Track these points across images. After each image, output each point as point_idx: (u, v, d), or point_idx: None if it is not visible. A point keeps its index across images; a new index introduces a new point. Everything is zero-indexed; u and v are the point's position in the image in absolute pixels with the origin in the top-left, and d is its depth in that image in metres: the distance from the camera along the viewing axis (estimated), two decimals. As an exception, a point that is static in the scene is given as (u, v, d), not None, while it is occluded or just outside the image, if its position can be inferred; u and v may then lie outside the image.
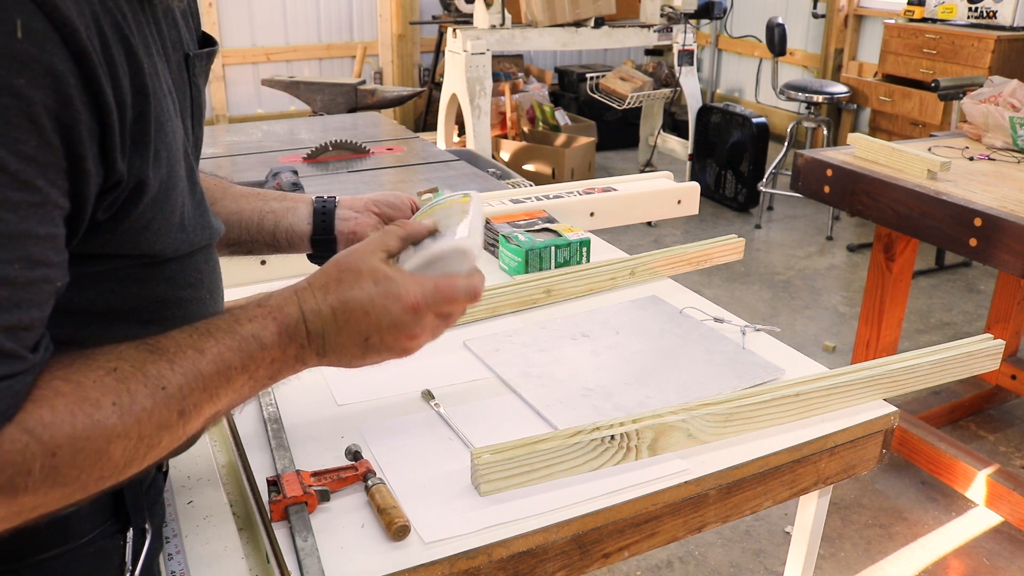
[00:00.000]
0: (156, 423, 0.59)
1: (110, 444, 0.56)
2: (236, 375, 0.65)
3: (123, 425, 0.57)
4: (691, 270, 1.56)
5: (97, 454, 0.55)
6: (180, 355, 0.61)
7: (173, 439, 0.62)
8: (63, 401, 0.55)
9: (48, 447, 0.53)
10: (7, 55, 0.49)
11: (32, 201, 0.52)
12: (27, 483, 0.52)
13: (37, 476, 0.53)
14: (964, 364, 1.20)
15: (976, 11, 4.39)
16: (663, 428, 0.98)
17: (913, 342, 3.33)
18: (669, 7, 4.68)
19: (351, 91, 3.62)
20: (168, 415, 0.60)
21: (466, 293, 0.77)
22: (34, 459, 0.52)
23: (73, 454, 0.54)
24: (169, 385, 0.60)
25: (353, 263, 0.74)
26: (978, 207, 1.89)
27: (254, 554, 0.88)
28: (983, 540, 2.28)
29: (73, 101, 0.53)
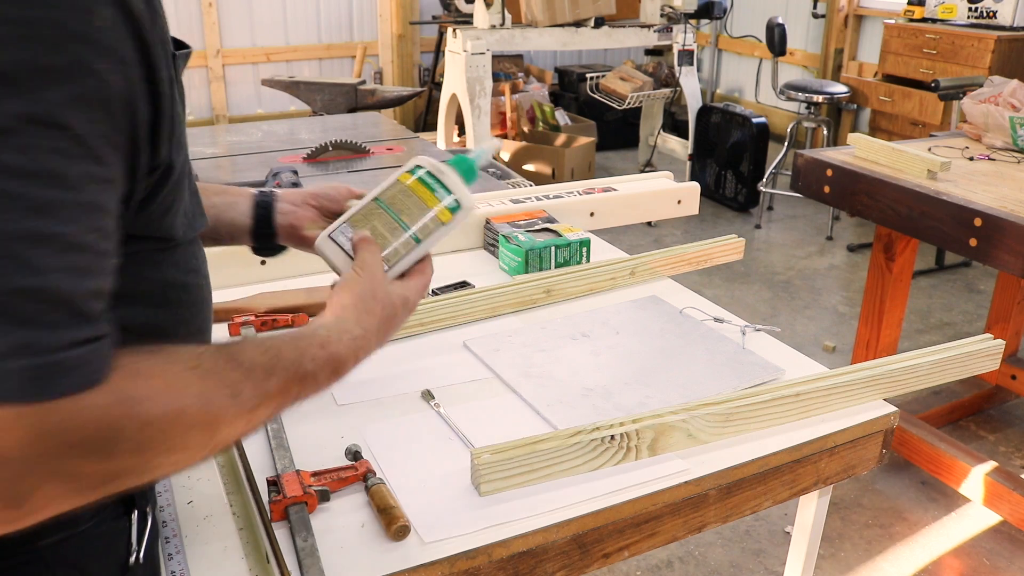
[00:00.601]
0: (230, 423, 0.62)
1: (191, 428, 0.59)
2: (303, 381, 0.70)
3: (202, 415, 0.59)
4: (691, 270, 1.56)
5: (182, 433, 0.58)
6: (252, 365, 0.65)
7: (247, 427, 0.65)
8: (158, 382, 0.57)
9: (141, 418, 0.55)
10: (90, 40, 0.53)
11: (105, 177, 0.55)
12: (116, 448, 0.54)
13: (126, 444, 0.55)
14: (964, 364, 1.20)
15: (976, 11, 4.39)
16: (663, 428, 0.98)
17: (913, 342, 3.33)
18: (669, 7, 4.68)
19: (351, 91, 3.62)
20: (242, 411, 0.63)
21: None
22: (127, 425, 0.54)
23: (160, 430, 0.56)
24: (243, 394, 0.63)
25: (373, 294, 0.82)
26: (978, 207, 1.89)
27: (254, 554, 0.88)
28: (983, 540, 2.28)
29: (136, 88, 0.57)
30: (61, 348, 0.51)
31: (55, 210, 0.51)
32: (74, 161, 0.52)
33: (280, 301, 1.31)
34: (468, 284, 1.46)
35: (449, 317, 1.31)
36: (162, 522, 0.89)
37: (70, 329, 0.52)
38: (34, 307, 0.50)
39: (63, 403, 0.51)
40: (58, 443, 0.51)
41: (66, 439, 0.52)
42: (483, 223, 1.63)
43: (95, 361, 0.53)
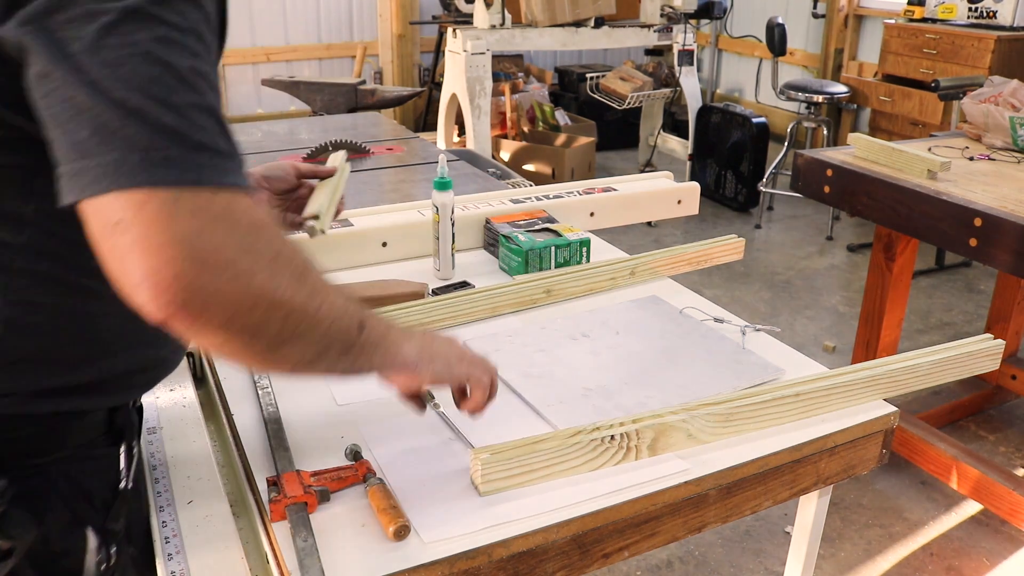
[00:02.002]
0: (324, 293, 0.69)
1: (283, 246, 0.66)
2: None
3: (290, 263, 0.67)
4: (691, 270, 1.56)
5: (277, 249, 0.65)
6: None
7: (311, 302, 0.68)
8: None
9: (270, 231, 0.64)
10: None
11: (213, 60, 0.69)
12: (267, 239, 0.63)
13: (267, 234, 0.64)
14: (964, 364, 1.20)
15: (976, 11, 4.38)
16: (663, 428, 0.98)
17: (913, 342, 3.33)
18: (669, 7, 4.68)
19: (351, 91, 3.62)
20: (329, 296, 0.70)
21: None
22: (264, 219, 0.64)
23: (276, 252, 0.64)
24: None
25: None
26: (978, 207, 1.89)
27: (254, 554, 0.88)
28: (983, 540, 2.28)
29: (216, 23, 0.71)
30: (230, 154, 0.63)
31: (200, 59, 0.63)
32: (203, 29, 0.65)
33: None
34: (468, 284, 1.46)
35: (449, 317, 1.31)
36: (159, 507, 0.94)
37: (230, 143, 0.64)
38: (210, 122, 0.62)
39: (240, 194, 0.62)
40: (246, 223, 0.61)
41: (248, 221, 0.62)
42: (483, 223, 1.63)
43: (248, 177, 0.64)
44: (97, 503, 0.81)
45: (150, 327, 0.61)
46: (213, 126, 0.62)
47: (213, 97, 0.64)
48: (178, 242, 0.57)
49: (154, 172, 0.58)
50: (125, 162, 0.57)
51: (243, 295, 0.61)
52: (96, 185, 0.57)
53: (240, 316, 0.62)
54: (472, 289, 1.41)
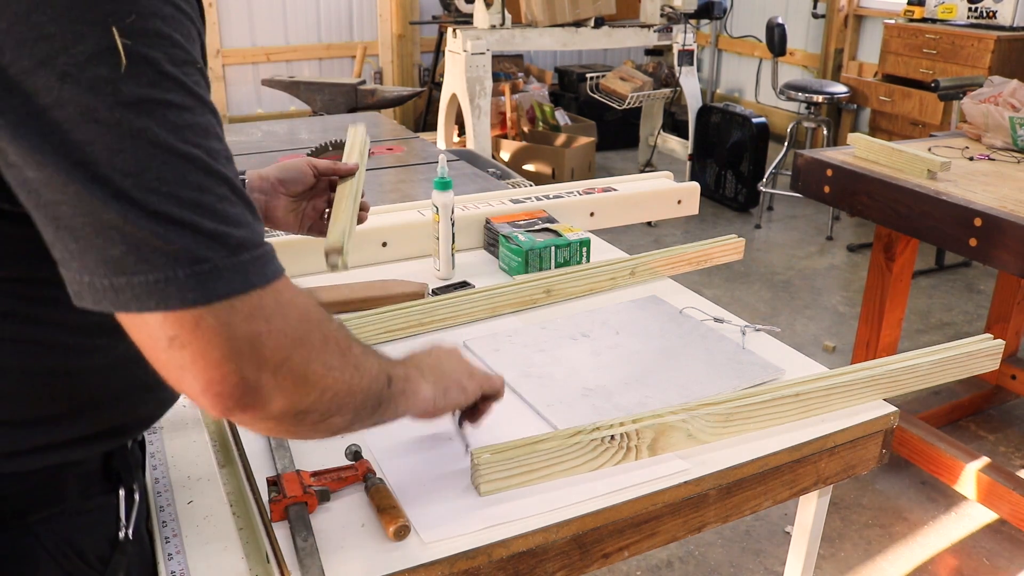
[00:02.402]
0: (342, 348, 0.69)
1: (328, 326, 0.67)
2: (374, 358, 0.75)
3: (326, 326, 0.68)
4: (691, 270, 1.56)
5: (326, 331, 0.66)
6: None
7: (369, 381, 0.71)
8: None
9: (307, 299, 0.65)
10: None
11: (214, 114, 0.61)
12: (316, 321, 0.64)
13: (314, 318, 0.64)
14: (964, 364, 1.20)
15: (976, 11, 4.38)
16: (663, 428, 0.98)
17: (913, 342, 3.33)
18: (669, 7, 4.68)
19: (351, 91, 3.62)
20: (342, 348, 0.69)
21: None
22: (309, 302, 0.65)
23: (318, 316, 0.65)
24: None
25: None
26: (978, 207, 1.89)
27: (254, 554, 0.88)
28: (983, 540, 2.28)
29: (201, 23, 0.63)
30: (261, 242, 0.60)
31: (213, 131, 0.59)
32: (205, 89, 0.60)
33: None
34: (468, 284, 1.46)
35: (449, 317, 1.31)
36: (159, 507, 0.91)
37: (259, 224, 0.61)
38: (237, 210, 0.58)
39: (282, 283, 0.61)
40: (295, 313, 0.61)
41: (296, 310, 0.61)
42: (483, 223, 1.63)
43: (274, 254, 0.62)
44: (92, 560, 0.75)
45: (149, 373, 0.59)
46: (242, 212, 0.59)
47: (229, 166, 0.60)
48: (238, 353, 0.57)
49: (205, 288, 0.56)
50: (172, 281, 0.55)
51: (300, 386, 0.62)
52: (140, 303, 0.55)
53: (296, 404, 0.63)
54: (472, 289, 1.41)
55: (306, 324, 0.62)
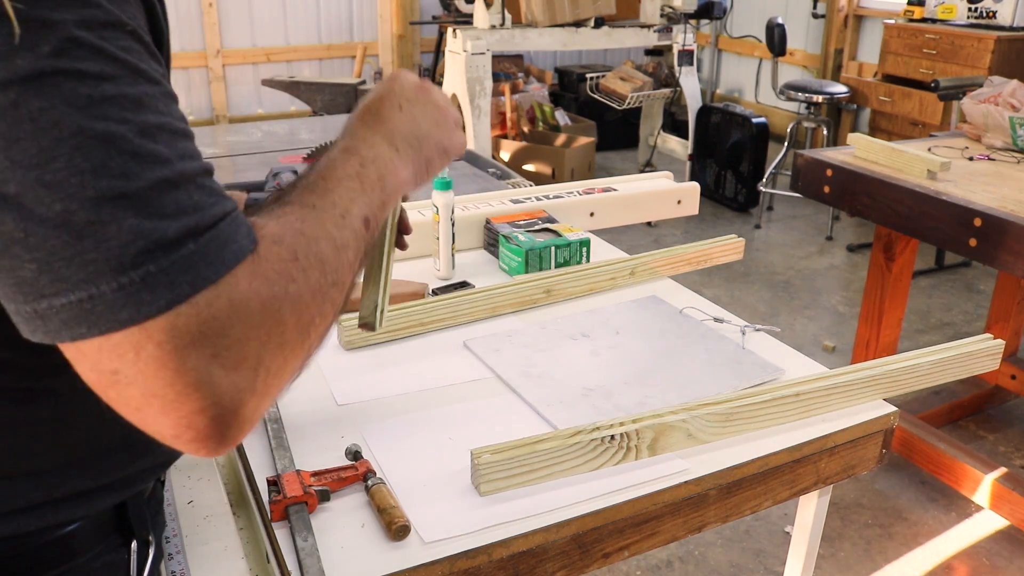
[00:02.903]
0: (332, 224, 0.61)
1: (319, 244, 0.58)
2: (349, 180, 0.66)
3: (315, 229, 0.59)
4: (691, 270, 1.56)
5: (319, 255, 0.58)
6: (300, 188, 0.63)
7: (356, 243, 0.63)
8: (271, 220, 0.57)
9: (291, 251, 0.55)
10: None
11: (162, 71, 0.53)
12: (296, 289, 0.54)
13: (298, 281, 0.55)
14: (964, 364, 1.20)
15: (976, 11, 4.38)
16: (663, 428, 0.98)
17: (913, 342, 3.33)
18: (669, 7, 4.68)
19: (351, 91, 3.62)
20: (335, 218, 0.61)
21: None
22: (288, 264, 0.55)
23: (306, 255, 0.56)
24: (316, 201, 0.62)
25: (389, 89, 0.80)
26: (978, 207, 1.89)
27: (254, 554, 0.88)
28: (983, 540, 2.28)
29: (154, 34, 0.55)
30: (215, 223, 0.50)
31: (148, 102, 0.50)
32: (139, 55, 0.50)
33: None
34: (468, 284, 1.46)
35: (449, 317, 1.31)
36: (164, 539, 0.85)
37: (212, 205, 0.51)
38: (176, 195, 0.49)
39: (241, 272, 0.51)
40: (259, 308, 0.51)
41: (261, 302, 0.51)
42: (483, 223, 1.63)
43: (243, 226, 0.53)
44: None
45: None
46: (187, 194, 0.50)
47: (174, 141, 0.50)
48: (198, 382, 0.48)
49: (138, 304, 0.46)
50: (98, 299, 0.45)
51: (283, 374, 0.55)
52: (71, 330, 0.46)
53: (285, 386, 0.57)
54: (472, 289, 1.41)
55: (274, 308, 0.52)
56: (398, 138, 0.74)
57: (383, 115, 0.75)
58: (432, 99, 0.80)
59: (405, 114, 0.76)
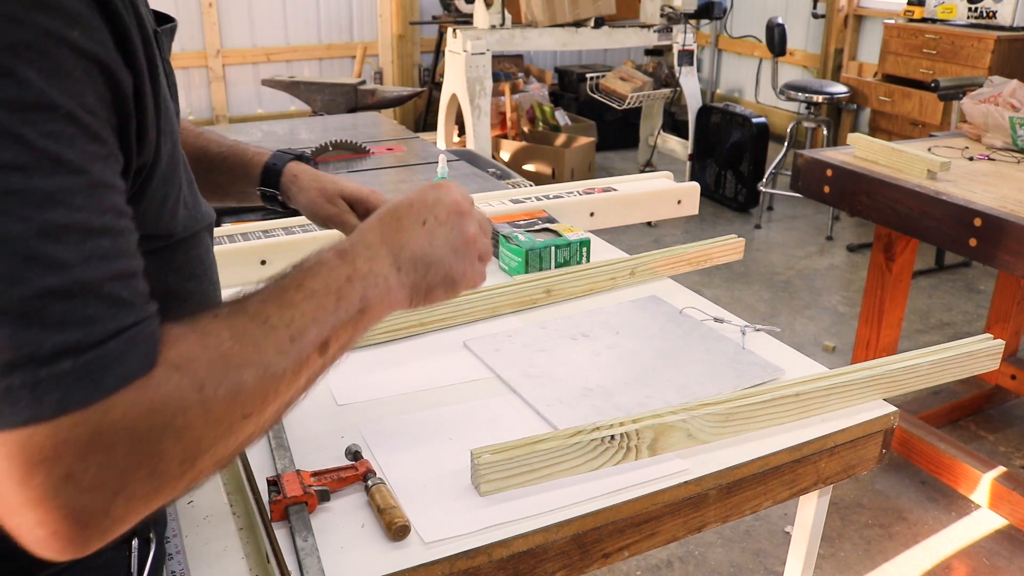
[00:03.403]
0: (274, 350, 0.58)
1: (242, 373, 0.55)
2: (323, 298, 0.63)
3: (246, 354, 0.56)
4: (691, 270, 1.56)
5: (235, 385, 0.54)
6: (266, 294, 0.61)
7: (296, 371, 0.60)
8: (192, 338, 0.54)
9: (195, 381, 0.52)
10: (58, 8, 0.48)
11: (103, 153, 0.51)
12: (186, 422, 0.51)
13: (193, 413, 0.52)
14: (964, 364, 1.20)
15: (976, 11, 4.38)
16: (663, 428, 0.98)
17: (913, 342, 3.33)
18: (669, 7, 4.68)
19: (351, 91, 3.62)
20: (281, 341, 0.58)
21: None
22: (187, 394, 0.51)
23: (215, 385, 0.53)
24: (270, 317, 0.59)
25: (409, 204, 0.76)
26: (978, 207, 1.89)
27: (254, 554, 0.88)
28: (983, 540, 2.28)
29: (117, 58, 0.52)
30: (103, 341, 0.48)
31: (63, 198, 0.47)
32: (69, 141, 0.48)
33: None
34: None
35: (449, 317, 1.31)
36: (165, 539, 0.85)
37: (108, 320, 0.49)
38: (65, 306, 0.46)
39: (119, 398, 0.48)
40: (127, 439, 0.48)
41: (133, 433, 0.49)
42: (483, 223, 1.63)
43: (141, 346, 0.50)
44: None
45: None
46: (81, 304, 0.47)
47: (85, 242, 0.48)
48: (42, 498, 0.46)
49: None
50: None
51: (155, 498, 0.51)
52: None
53: (166, 501, 0.53)
54: (472, 289, 1.40)
55: (151, 439, 0.49)
56: (406, 256, 0.71)
57: (403, 224, 0.72)
58: (463, 225, 0.75)
59: (425, 232, 0.73)
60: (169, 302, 0.69)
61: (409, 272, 0.71)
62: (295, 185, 1.05)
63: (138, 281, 0.53)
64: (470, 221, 0.76)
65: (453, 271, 0.75)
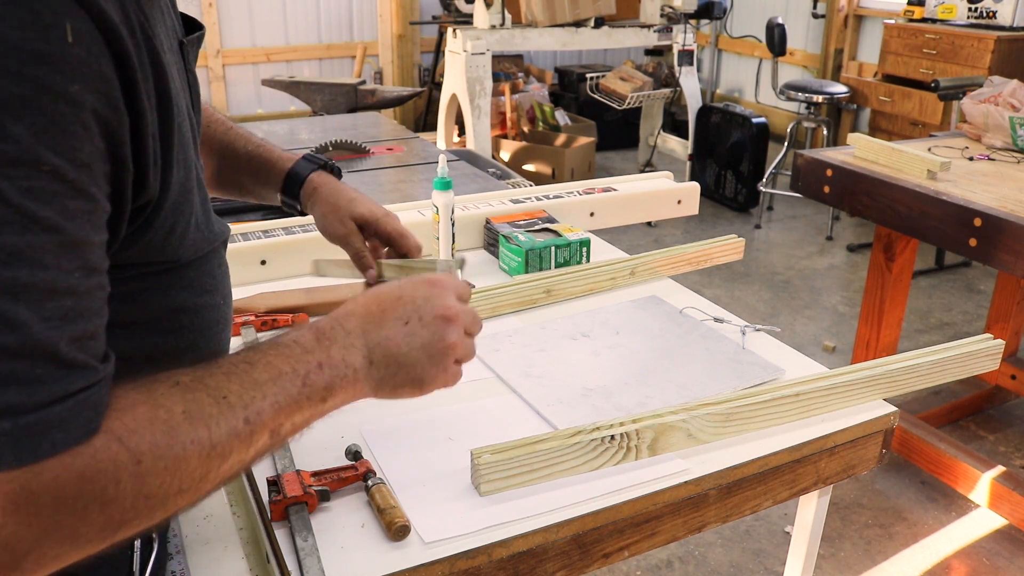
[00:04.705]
0: (225, 430, 0.58)
1: (186, 450, 0.55)
2: (288, 381, 0.63)
3: (195, 432, 0.56)
4: (691, 270, 1.56)
5: (176, 461, 0.54)
6: (233, 368, 0.61)
7: (243, 451, 0.60)
8: (142, 409, 0.54)
9: (134, 454, 0.52)
10: (62, 60, 0.48)
11: (87, 208, 0.51)
12: (116, 492, 0.51)
13: (126, 484, 0.52)
14: (964, 364, 1.20)
15: (976, 11, 4.38)
16: (663, 428, 0.98)
17: (913, 342, 3.33)
18: (669, 7, 4.68)
19: (351, 91, 3.62)
20: (235, 422, 0.58)
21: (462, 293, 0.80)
22: (123, 467, 0.51)
23: (155, 460, 0.53)
24: (230, 394, 0.59)
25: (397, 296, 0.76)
26: (978, 207, 1.89)
27: (254, 554, 0.88)
28: (983, 540, 2.28)
29: (118, 104, 0.53)
30: (47, 404, 0.48)
31: (31, 256, 0.47)
32: (48, 199, 0.48)
33: (280, 301, 1.31)
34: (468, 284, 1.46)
35: (449, 317, 1.31)
36: (165, 539, 0.86)
37: (57, 382, 0.49)
38: (15, 365, 0.47)
39: (53, 462, 0.48)
40: (52, 502, 0.48)
41: (60, 497, 0.49)
42: (483, 223, 1.63)
43: (85, 412, 0.50)
44: None
45: None
46: (31, 362, 0.48)
47: (40, 303, 0.48)
48: None
49: None
50: None
51: (71, 558, 0.51)
52: None
53: (78, 558, 0.52)
54: (472, 289, 1.40)
55: (76, 506, 0.49)
56: (380, 352, 0.70)
57: (385, 319, 0.72)
58: (445, 332, 0.74)
59: (406, 331, 0.72)
60: (180, 318, 0.69)
61: (380, 368, 0.71)
62: (312, 199, 1.06)
63: (96, 343, 0.53)
64: (454, 329, 0.75)
65: (424, 375, 0.74)
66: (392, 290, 0.74)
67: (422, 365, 0.73)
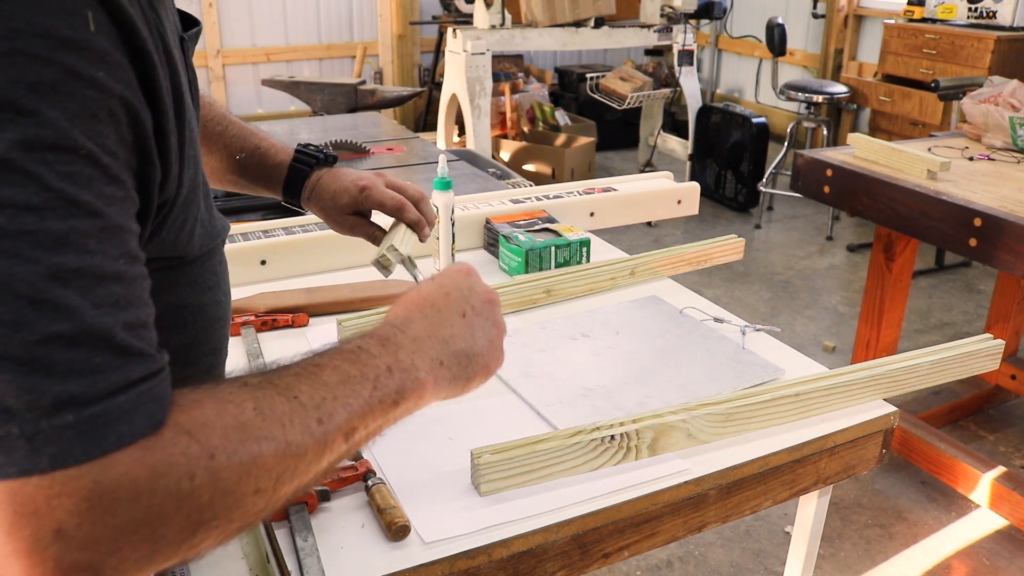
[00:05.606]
0: (299, 428, 0.55)
1: (260, 447, 0.52)
2: (358, 384, 0.61)
3: (269, 428, 0.53)
4: (691, 270, 1.56)
5: (252, 457, 0.52)
6: (302, 371, 0.59)
7: (317, 453, 0.57)
8: (209, 404, 0.52)
9: (206, 448, 0.50)
10: (86, 47, 0.47)
11: (120, 195, 0.50)
12: (192, 488, 0.49)
13: (201, 479, 0.49)
14: (964, 364, 1.20)
15: (976, 11, 4.38)
16: (663, 428, 0.98)
17: (913, 342, 3.33)
18: (669, 7, 4.68)
19: (351, 91, 3.62)
20: (308, 421, 0.56)
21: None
22: (196, 460, 0.49)
23: (229, 455, 0.50)
24: (301, 394, 0.57)
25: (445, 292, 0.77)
26: (978, 207, 1.89)
27: (254, 554, 0.88)
28: (983, 540, 2.28)
29: (140, 97, 0.52)
30: (109, 394, 0.46)
31: (76, 241, 0.46)
32: (87, 183, 0.47)
33: (280, 301, 1.31)
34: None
35: (449, 317, 1.31)
36: None
37: (117, 371, 0.47)
38: (71, 353, 0.45)
39: (122, 455, 0.46)
40: (127, 498, 0.46)
41: (134, 492, 0.46)
42: (483, 223, 1.63)
43: (152, 401, 0.48)
44: None
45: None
46: (89, 349, 0.45)
47: (94, 288, 0.46)
48: (29, 551, 0.44)
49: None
50: None
51: (155, 563, 0.49)
52: None
53: (163, 566, 0.50)
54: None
55: (152, 503, 0.47)
56: (449, 351, 0.70)
57: (444, 318, 0.71)
58: (496, 314, 0.76)
59: (466, 324, 0.72)
60: (183, 315, 0.70)
61: (452, 366, 0.71)
62: (309, 203, 1.09)
63: (149, 332, 0.51)
64: (498, 309, 0.77)
65: (490, 360, 0.75)
66: (436, 288, 0.74)
67: (487, 354, 0.74)
